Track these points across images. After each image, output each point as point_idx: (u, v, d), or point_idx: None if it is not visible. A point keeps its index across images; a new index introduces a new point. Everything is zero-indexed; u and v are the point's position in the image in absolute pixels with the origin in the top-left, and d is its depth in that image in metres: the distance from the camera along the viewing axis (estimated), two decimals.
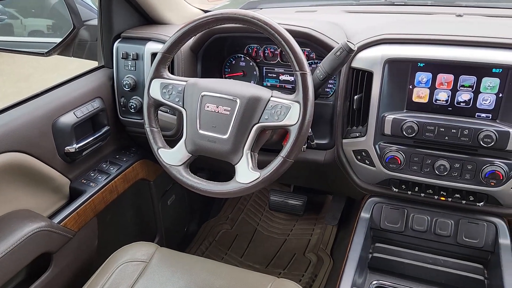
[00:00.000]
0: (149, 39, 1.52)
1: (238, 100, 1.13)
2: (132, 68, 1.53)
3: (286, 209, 2.14)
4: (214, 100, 1.16)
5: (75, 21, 1.66)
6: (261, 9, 1.84)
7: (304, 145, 1.19)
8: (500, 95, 1.15)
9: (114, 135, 1.62)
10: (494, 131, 1.14)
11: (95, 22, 1.65)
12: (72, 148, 1.40)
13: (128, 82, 1.52)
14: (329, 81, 1.41)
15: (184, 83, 1.22)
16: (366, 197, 1.45)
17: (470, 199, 1.27)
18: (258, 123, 1.12)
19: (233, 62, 1.58)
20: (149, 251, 1.29)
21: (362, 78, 1.26)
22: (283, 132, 1.23)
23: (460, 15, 1.49)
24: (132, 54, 1.52)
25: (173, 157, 1.22)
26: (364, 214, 1.41)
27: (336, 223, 2.18)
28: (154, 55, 1.48)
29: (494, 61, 1.13)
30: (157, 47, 1.47)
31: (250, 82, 1.55)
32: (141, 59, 1.52)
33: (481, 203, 1.26)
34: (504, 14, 1.52)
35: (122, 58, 1.54)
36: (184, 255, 1.30)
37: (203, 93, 1.17)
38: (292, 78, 1.51)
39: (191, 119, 1.19)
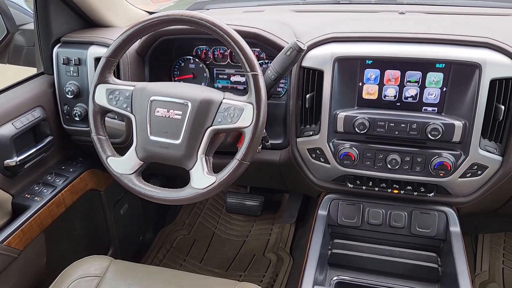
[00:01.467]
0: (91, 43, 1.45)
1: (189, 104, 1.10)
2: (74, 74, 1.46)
3: (244, 210, 2.13)
4: (164, 104, 1.12)
5: (9, 25, 1.56)
6: (208, 9, 1.81)
7: (259, 146, 1.19)
8: (444, 89, 1.19)
9: (59, 145, 1.54)
10: (440, 124, 1.18)
11: (31, 26, 1.55)
12: (13, 161, 1.31)
13: (71, 89, 1.45)
14: (281, 81, 1.40)
15: (132, 88, 1.17)
16: (322, 194, 1.46)
17: (421, 190, 1.31)
18: (211, 126, 1.09)
19: (182, 64, 1.54)
20: (103, 265, 1.23)
21: (313, 77, 1.26)
22: (238, 134, 1.22)
23: (402, 13, 1.53)
24: (74, 59, 1.44)
25: (123, 165, 1.17)
26: (322, 212, 1.42)
27: (294, 221, 2.19)
28: (97, 59, 1.41)
29: (437, 57, 1.17)
30: (101, 51, 1.40)
31: (201, 85, 1.52)
32: (84, 64, 1.45)
33: (432, 194, 1.30)
34: (443, 11, 1.58)
35: (63, 64, 1.46)
36: (140, 266, 1.25)
37: (152, 98, 1.13)
38: (243, 79, 1.50)
39: (141, 125, 1.14)
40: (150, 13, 1.75)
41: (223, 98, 1.10)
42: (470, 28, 1.25)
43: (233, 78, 1.51)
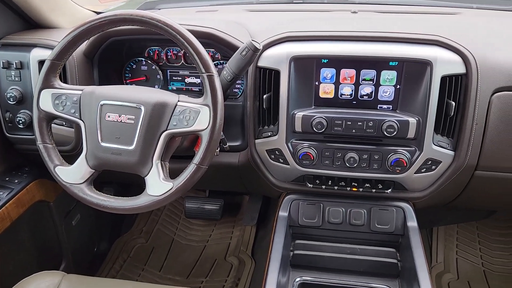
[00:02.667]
0: (34, 45, 1.36)
1: (142, 107, 1.05)
2: (16, 79, 1.36)
3: (203, 215, 2.09)
4: (115, 109, 1.07)
5: None
6: (159, 9, 1.76)
7: (217, 149, 1.15)
8: (398, 86, 1.22)
9: (1, 155, 1.43)
10: (395, 121, 1.20)
11: None
12: None
13: (12, 95, 1.35)
14: (237, 82, 1.38)
15: (80, 92, 1.11)
16: (283, 195, 1.45)
17: (379, 187, 1.33)
18: (166, 130, 1.05)
19: (134, 66, 1.48)
20: (54, 281, 1.15)
21: (270, 77, 1.25)
22: (194, 137, 1.18)
23: (355, 12, 1.55)
24: (15, 62, 1.35)
25: (73, 174, 1.11)
26: (282, 213, 1.41)
27: (255, 223, 2.17)
28: (41, 62, 1.33)
29: (390, 55, 1.19)
30: (45, 54, 1.32)
31: (154, 87, 1.47)
32: (27, 68, 1.36)
33: (389, 190, 1.32)
34: (394, 10, 1.61)
35: (3, 67, 1.37)
36: (96, 280, 1.19)
37: (102, 102, 1.07)
38: (198, 81, 1.46)
39: (91, 131, 1.08)
40: (98, 13, 1.68)
41: (178, 101, 1.06)
42: (421, 26, 1.28)
43: (188, 80, 1.47)
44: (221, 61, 1.42)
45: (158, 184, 1.06)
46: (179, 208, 2.32)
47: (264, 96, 1.26)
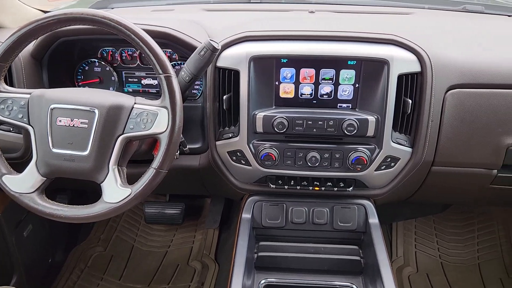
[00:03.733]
0: None
1: (96, 111, 1.01)
2: None
3: (164, 220, 2.04)
4: (67, 113, 1.01)
5: None
6: (112, 8, 1.69)
7: (177, 152, 1.12)
8: (357, 85, 1.23)
9: None
10: (355, 120, 1.21)
11: None
12: None
13: None
14: (196, 82, 1.35)
15: (28, 96, 1.04)
16: (245, 196, 1.43)
17: (341, 185, 1.34)
18: (122, 134, 1.01)
19: (86, 68, 1.42)
20: None
21: (229, 77, 1.23)
22: (153, 141, 1.14)
23: (312, 12, 1.56)
24: None
25: (22, 183, 1.04)
26: (246, 215, 1.39)
27: (217, 226, 2.14)
28: None
29: (348, 54, 1.20)
30: None
31: (109, 89, 1.41)
32: None
33: (351, 188, 1.33)
34: (350, 10, 1.64)
35: None
36: None
37: (52, 106, 1.02)
38: (155, 82, 1.41)
39: (41, 137, 1.02)
40: (46, 12, 1.59)
41: (135, 103, 1.03)
42: (377, 26, 1.30)
43: (144, 81, 1.42)
44: (179, 62, 1.38)
45: (115, 191, 1.02)
46: (138, 214, 2.25)
47: (224, 96, 1.24)
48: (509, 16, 1.64)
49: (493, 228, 2.07)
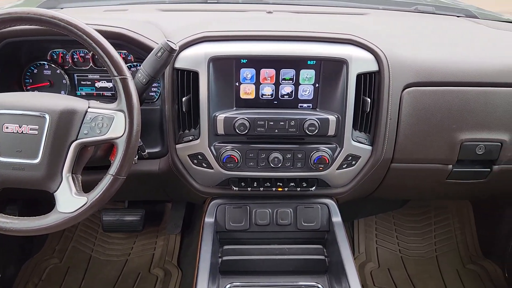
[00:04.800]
0: None
1: (47, 116, 0.95)
2: None
3: (123, 227, 1.97)
4: (14, 119, 0.95)
5: None
6: (62, 8, 1.62)
7: (135, 157, 1.08)
8: (317, 85, 1.23)
9: None
10: (316, 119, 1.21)
11: None
12: None
13: None
14: (153, 84, 1.31)
15: None
16: (207, 200, 1.41)
17: (304, 185, 1.34)
18: (76, 139, 0.97)
19: (35, 71, 1.34)
20: None
21: (188, 78, 1.20)
22: (109, 146, 1.09)
23: (270, 12, 1.56)
24: None
25: None
26: (208, 219, 1.36)
27: (179, 231, 2.09)
28: None
29: (308, 54, 1.20)
30: None
31: (60, 93, 1.34)
32: None
33: (313, 188, 1.34)
34: (308, 10, 1.65)
35: None
36: None
37: None
38: (110, 85, 1.36)
39: None
40: None
41: (88, 107, 0.98)
42: (335, 26, 1.31)
43: (98, 84, 1.36)
44: (135, 64, 1.33)
45: (70, 200, 0.97)
46: (95, 222, 2.16)
47: (183, 98, 1.20)
48: (458, 16, 1.70)
49: (448, 221, 2.15)
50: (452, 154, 1.32)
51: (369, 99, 1.22)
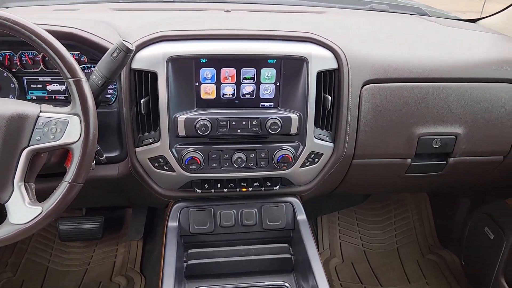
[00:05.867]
0: None
1: None
2: None
3: (82, 235, 1.89)
4: None
5: None
6: (7, 8, 1.52)
7: (93, 162, 1.04)
8: (278, 84, 1.23)
9: None
10: (278, 118, 1.20)
11: None
12: None
13: None
14: (109, 86, 1.26)
15: None
16: (170, 204, 1.37)
17: (268, 185, 1.33)
18: (28, 146, 0.91)
19: None
20: None
21: (146, 79, 1.16)
22: (64, 152, 1.04)
23: (228, 11, 1.54)
24: None
25: None
26: (172, 223, 1.33)
27: (141, 237, 2.04)
28: None
29: (268, 52, 1.19)
30: None
31: (9, 98, 1.26)
32: None
33: (277, 187, 1.33)
34: (266, 9, 1.64)
35: None
36: None
37: None
38: (63, 87, 1.29)
39: None
40: None
41: (40, 111, 0.93)
42: (294, 24, 1.31)
43: (50, 87, 1.29)
44: (89, 65, 1.27)
45: (23, 210, 0.91)
46: (51, 232, 2.06)
47: (142, 100, 1.16)
48: (410, 14, 1.76)
49: (407, 214, 2.21)
50: (410, 148, 1.35)
51: (329, 97, 1.23)
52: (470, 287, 1.91)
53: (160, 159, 1.24)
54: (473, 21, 1.70)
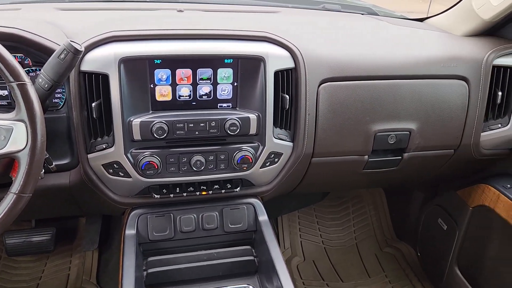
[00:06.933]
0: None
1: None
2: None
3: (31, 249, 1.79)
4: None
5: None
6: None
7: (41, 171, 0.97)
8: (235, 84, 1.21)
9: None
10: (237, 119, 1.19)
11: None
12: None
13: None
14: (57, 90, 1.19)
15: None
16: (127, 211, 1.32)
17: (228, 187, 1.31)
18: None
19: None
20: None
21: (97, 82, 1.11)
22: (8, 161, 0.97)
23: (181, 11, 1.50)
24: None
25: None
26: (129, 231, 1.28)
27: (96, 247, 1.95)
28: None
29: (224, 52, 1.17)
30: None
31: None
32: None
33: (238, 188, 1.32)
34: (219, 9, 1.62)
35: None
36: None
37: None
38: (5, 92, 1.21)
39: None
40: None
41: None
42: (249, 24, 1.29)
43: None
44: (34, 68, 1.20)
45: None
46: None
47: (93, 104, 1.11)
48: (362, 14, 1.79)
49: (365, 209, 2.26)
50: (367, 145, 1.38)
51: (287, 96, 1.23)
52: (426, 277, 1.97)
53: (114, 165, 1.18)
54: (421, 20, 1.76)
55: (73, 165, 1.21)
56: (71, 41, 0.95)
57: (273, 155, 1.29)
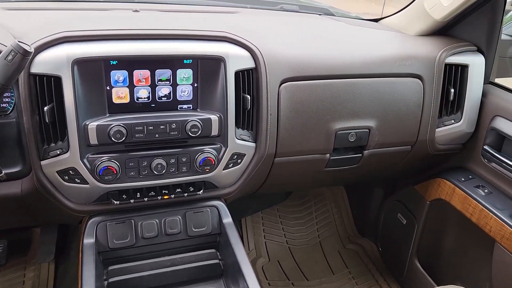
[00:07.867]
0: None
1: None
2: None
3: None
4: None
5: None
6: None
7: None
8: (196, 85, 1.19)
9: None
10: (198, 120, 1.17)
11: None
12: None
13: None
14: (5, 94, 1.12)
15: None
16: (85, 219, 1.26)
17: (191, 190, 1.28)
18: None
19: None
20: None
21: (49, 84, 1.05)
22: None
23: (136, 11, 1.46)
24: None
25: None
26: (88, 240, 1.22)
27: (53, 258, 1.86)
28: None
29: (183, 53, 1.15)
30: None
31: None
32: None
33: (201, 191, 1.29)
34: (177, 9, 1.59)
35: None
36: None
37: None
38: None
39: None
40: None
41: None
42: (208, 24, 1.28)
43: None
44: None
45: None
46: None
47: (45, 108, 1.05)
48: (319, 14, 1.81)
49: (327, 207, 2.29)
50: (328, 143, 1.39)
51: (248, 96, 1.23)
52: (387, 271, 2.02)
53: (70, 172, 1.13)
54: (376, 20, 1.80)
55: (25, 173, 1.14)
56: (19, 41, 0.89)
57: (235, 156, 1.27)
